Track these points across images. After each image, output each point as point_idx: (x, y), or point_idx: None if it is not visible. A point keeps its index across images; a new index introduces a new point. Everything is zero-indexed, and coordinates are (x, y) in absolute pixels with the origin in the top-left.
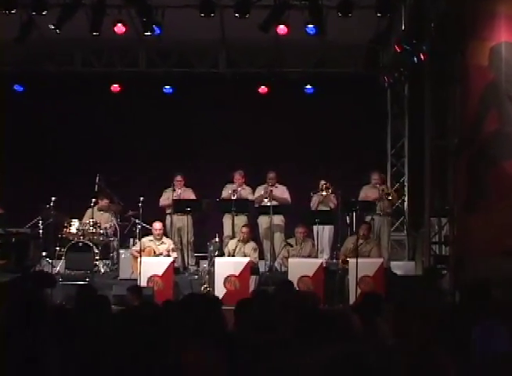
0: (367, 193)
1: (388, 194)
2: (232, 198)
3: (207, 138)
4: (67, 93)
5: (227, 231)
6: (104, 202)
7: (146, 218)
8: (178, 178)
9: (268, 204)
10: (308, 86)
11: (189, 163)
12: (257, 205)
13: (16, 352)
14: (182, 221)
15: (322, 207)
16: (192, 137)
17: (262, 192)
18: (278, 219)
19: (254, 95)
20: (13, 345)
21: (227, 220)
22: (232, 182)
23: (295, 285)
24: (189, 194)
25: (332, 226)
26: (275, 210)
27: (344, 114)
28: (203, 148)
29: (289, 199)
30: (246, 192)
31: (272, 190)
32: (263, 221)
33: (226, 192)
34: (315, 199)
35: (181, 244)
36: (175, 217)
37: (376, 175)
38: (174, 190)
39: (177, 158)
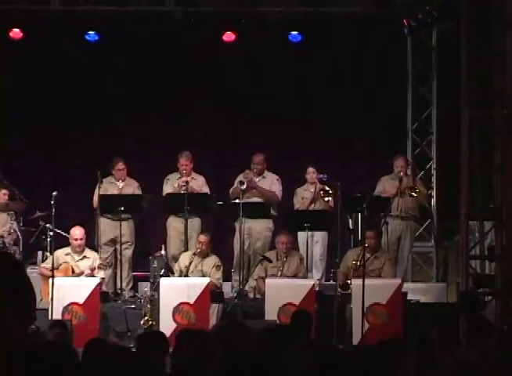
0: (386, 186)
1: (412, 189)
2: (182, 192)
3: (149, 105)
4: None
5: (174, 242)
6: (0, 197)
7: (61, 222)
8: (120, 165)
9: (248, 200)
10: (294, 32)
11: (126, 143)
12: (233, 201)
13: None
14: (119, 224)
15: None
16: (127, 103)
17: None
18: (262, 226)
19: (216, 44)
20: None
21: (174, 225)
22: (176, 170)
23: (275, 317)
24: (135, 189)
25: (326, 233)
26: (259, 211)
27: (346, 72)
28: (145, 120)
29: (278, 194)
30: (198, 183)
31: (251, 179)
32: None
33: (170, 186)
34: (300, 195)
35: (114, 258)
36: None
37: (401, 161)
38: (101, 182)
39: (109, 134)
